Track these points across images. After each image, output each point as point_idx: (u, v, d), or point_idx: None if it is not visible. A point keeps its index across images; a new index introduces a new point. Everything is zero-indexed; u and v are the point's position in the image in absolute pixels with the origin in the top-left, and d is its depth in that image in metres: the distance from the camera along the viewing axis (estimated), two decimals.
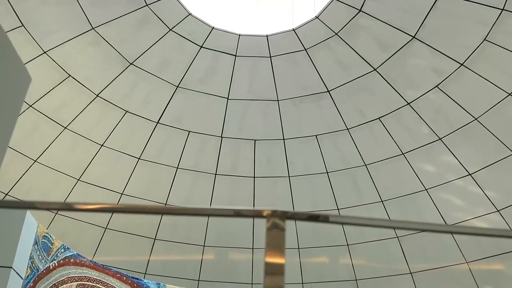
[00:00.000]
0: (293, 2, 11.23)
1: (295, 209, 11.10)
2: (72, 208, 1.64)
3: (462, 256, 10.89)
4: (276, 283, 1.59)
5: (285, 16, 10.96)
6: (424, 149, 10.90)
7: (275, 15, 11.17)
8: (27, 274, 6.40)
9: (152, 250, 11.50)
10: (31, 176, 10.51)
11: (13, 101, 2.34)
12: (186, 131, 11.42)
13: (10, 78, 2.31)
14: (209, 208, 2.53)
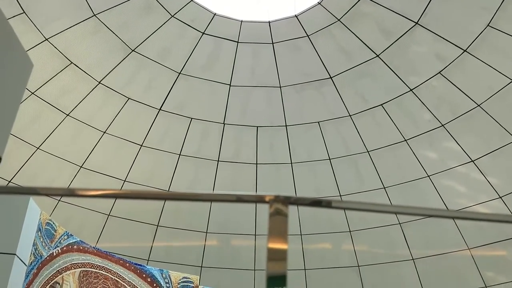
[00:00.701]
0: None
1: (297, 195, 11.11)
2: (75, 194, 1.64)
3: (464, 242, 10.91)
4: (279, 268, 1.59)
5: (287, 2, 10.90)
6: (426, 135, 10.88)
7: (277, 1, 11.11)
8: (31, 261, 6.42)
9: (155, 236, 11.54)
10: (34, 163, 10.53)
11: (15, 88, 2.34)
12: (188, 118, 11.41)
13: (12, 64, 2.30)
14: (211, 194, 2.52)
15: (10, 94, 2.28)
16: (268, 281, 1.63)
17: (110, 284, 7.91)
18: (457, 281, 11.04)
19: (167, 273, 8.60)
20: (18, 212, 6.28)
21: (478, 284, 10.81)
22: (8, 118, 2.26)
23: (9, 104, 2.25)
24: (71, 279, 7.32)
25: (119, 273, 8.04)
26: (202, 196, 1.86)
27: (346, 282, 11.67)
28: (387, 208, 2.31)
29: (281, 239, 1.63)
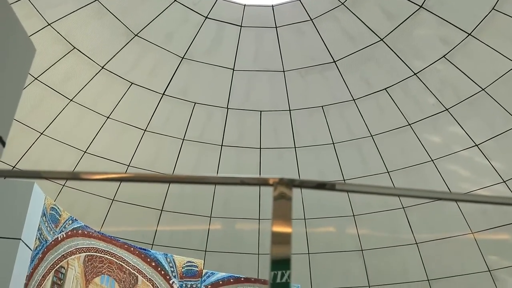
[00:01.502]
0: None
1: None
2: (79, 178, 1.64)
3: (467, 226, 10.92)
4: (283, 252, 1.59)
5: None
6: (430, 119, 10.85)
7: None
8: (36, 246, 6.45)
9: (159, 221, 11.57)
10: (38, 148, 10.55)
11: (18, 72, 2.33)
12: (191, 102, 11.39)
13: (14, 49, 2.29)
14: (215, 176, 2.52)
15: (13, 79, 2.27)
16: (272, 264, 1.62)
17: (115, 269, 7.95)
18: (461, 265, 11.07)
19: (172, 257, 8.64)
20: (23, 197, 6.29)
21: (481, 268, 10.83)
22: (11, 103, 2.26)
23: (12, 89, 2.24)
24: (76, 264, 7.36)
25: (123, 258, 8.08)
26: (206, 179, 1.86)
27: (349, 266, 11.71)
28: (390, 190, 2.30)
29: (285, 222, 1.62)
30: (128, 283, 8.08)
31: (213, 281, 9.15)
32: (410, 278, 11.37)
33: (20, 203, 6.26)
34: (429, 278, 11.21)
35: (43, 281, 6.67)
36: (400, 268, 11.52)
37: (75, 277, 7.31)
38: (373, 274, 11.56)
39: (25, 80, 2.41)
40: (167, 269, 8.49)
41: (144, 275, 8.25)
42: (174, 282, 8.51)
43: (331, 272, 11.76)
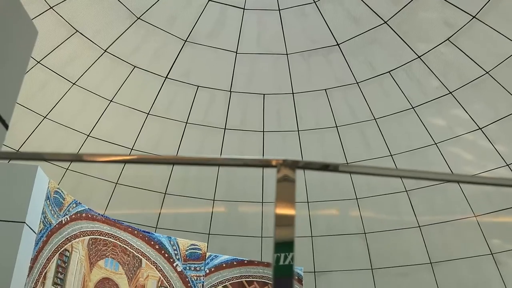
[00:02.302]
0: None
1: None
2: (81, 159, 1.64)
3: (470, 209, 10.93)
4: (286, 234, 1.59)
5: None
6: (434, 103, 10.82)
7: None
8: (40, 229, 6.48)
9: (162, 204, 11.61)
10: (41, 132, 10.56)
11: (20, 55, 2.32)
12: (195, 85, 11.37)
13: (16, 31, 2.28)
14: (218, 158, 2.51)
15: (15, 61, 2.27)
16: (275, 246, 1.63)
17: (119, 251, 7.99)
18: (463, 248, 11.09)
19: (175, 240, 8.67)
20: (27, 181, 6.31)
21: (484, 251, 10.85)
22: (14, 86, 2.25)
23: (15, 72, 2.24)
24: (80, 247, 7.40)
25: (127, 241, 8.12)
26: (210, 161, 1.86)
27: (352, 249, 11.75)
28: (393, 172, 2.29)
29: (288, 204, 1.62)
30: (132, 266, 8.13)
31: (216, 264, 9.19)
32: (412, 261, 11.41)
33: (24, 186, 6.28)
34: (432, 261, 11.25)
35: (48, 264, 6.71)
36: (402, 251, 11.56)
37: (79, 260, 7.35)
38: (375, 257, 11.60)
39: (27, 63, 2.40)
40: (170, 252, 8.53)
41: (147, 258, 8.30)
42: (178, 265, 8.55)
43: (334, 255, 11.81)
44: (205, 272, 8.85)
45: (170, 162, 1.87)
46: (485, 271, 10.91)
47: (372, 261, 11.60)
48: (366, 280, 11.55)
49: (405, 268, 11.39)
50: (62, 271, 6.99)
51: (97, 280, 7.67)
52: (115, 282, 7.91)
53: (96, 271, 7.66)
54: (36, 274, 6.44)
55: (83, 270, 7.43)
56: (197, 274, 8.66)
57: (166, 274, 8.42)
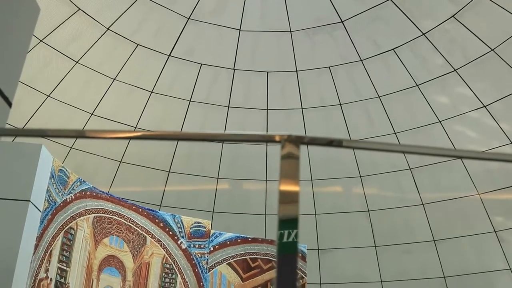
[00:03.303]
0: None
1: None
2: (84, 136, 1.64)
3: (474, 187, 10.93)
4: (290, 211, 1.59)
5: None
6: (438, 80, 10.77)
7: None
8: (45, 207, 6.51)
9: (166, 182, 11.64)
10: (45, 111, 10.56)
11: (22, 32, 2.31)
12: (198, 63, 11.33)
13: (18, 9, 2.27)
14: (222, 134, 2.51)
15: (17, 39, 2.25)
16: (279, 224, 1.62)
17: (124, 229, 8.04)
18: (466, 226, 11.12)
19: (179, 218, 8.71)
20: (31, 160, 6.33)
21: (487, 229, 10.88)
22: (17, 64, 2.24)
23: (17, 49, 2.23)
24: (85, 225, 7.44)
25: (132, 219, 8.16)
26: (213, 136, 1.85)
27: (356, 227, 11.79)
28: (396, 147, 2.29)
29: (292, 181, 1.61)
30: (137, 244, 8.18)
31: (220, 241, 9.24)
32: (416, 238, 11.46)
33: (29, 165, 6.30)
34: (435, 239, 11.29)
35: (53, 242, 6.76)
36: (406, 228, 11.59)
37: (84, 238, 7.40)
38: (379, 235, 11.65)
39: (30, 40, 2.39)
40: (175, 230, 8.58)
41: (152, 236, 8.34)
42: (182, 243, 8.60)
43: (338, 233, 11.86)
44: (209, 250, 8.90)
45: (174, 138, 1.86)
46: (488, 249, 10.95)
47: (376, 239, 11.65)
48: (369, 257, 11.61)
49: (409, 246, 11.44)
50: (67, 249, 7.04)
51: (102, 258, 7.73)
52: (120, 260, 7.97)
53: (101, 248, 7.71)
54: (42, 252, 6.49)
55: (88, 247, 7.48)
56: (202, 252, 8.72)
57: (170, 252, 8.47)
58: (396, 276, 11.43)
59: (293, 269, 1.56)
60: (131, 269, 8.07)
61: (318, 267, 11.65)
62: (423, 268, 11.36)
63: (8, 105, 2.08)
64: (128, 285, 7.99)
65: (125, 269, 8.00)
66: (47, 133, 1.66)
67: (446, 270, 11.15)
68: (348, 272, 11.70)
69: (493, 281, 10.85)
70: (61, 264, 6.89)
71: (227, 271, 9.19)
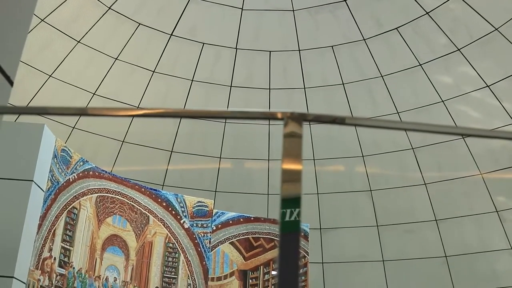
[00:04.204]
0: None
1: None
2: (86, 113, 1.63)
3: (476, 167, 10.93)
4: (293, 190, 1.59)
5: None
6: (442, 60, 10.72)
7: None
8: (48, 187, 6.53)
9: (169, 162, 11.65)
10: (47, 91, 10.54)
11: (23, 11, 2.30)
12: (200, 43, 11.28)
13: None
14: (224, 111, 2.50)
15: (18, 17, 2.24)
16: (282, 202, 1.62)
17: (126, 209, 8.07)
18: (468, 205, 11.14)
19: (182, 198, 8.74)
20: (33, 140, 6.34)
21: (489, 209, 10.90)
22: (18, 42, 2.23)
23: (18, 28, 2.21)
24: (88, 204, 7.47)
25: (134, 198, 8.19)
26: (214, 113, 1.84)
27: (358, 206, 11.82)
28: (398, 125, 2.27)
29: (295, 160, 1.61)
30: (140, 223, 8.22)
31: (223, 220, 9.29)
32: (418, 218, 11.48)
33: (31, 145, 6.31)
34: (437, 218, 11.32)
35: (56, 221, 6.79)
36: (408, 208, 11.62)
37: (87, 217, 7.44)
38: (381, 214, 11.68)
39: (31, 19, 2.38)
40: (177, 209, 8.61)
41: (155, 215, 8.38)
42: (185, 222, 8.64)
43: (340, 212, 11.89)
44: (212, 229, 8.95)
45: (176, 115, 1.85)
46: (489, 229, 10.98)
47: (378, 218, 11.68)
48: (371, 236, 11.66)
49: (411, 225, 11.47)
50: (70, 228, 7.08)
51: (105, 237, 7.78)
52: (123, 239, 8.02)
53: (104, 228, 7.76)
54: (45, 232, 6.52)
55: (91, 227, 7.52)
56: (204, 231, 8.76)
57: (173, 231, 8.52)
58: (398, 256, 11.49)
59: (295, 248, 1.57)
60: (134, 248, 8.12)
61: (320, 246, 11.70)
62: (424, 248, 11.41)
63: (10, 84, 2.07)
64: (131, 264, 8.04)
65: (128, 248, 8.05)
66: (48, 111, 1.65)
67: (447, 250, 11.19)
68: (350, 251, 11.75)
69: (495, 260, 10.89)
70: (65, 243, 6.94)
71: (229, 250, 9.25)
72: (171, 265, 8.42)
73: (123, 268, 7.92)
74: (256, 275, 9.30)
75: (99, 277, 7.55)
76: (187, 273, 8.47)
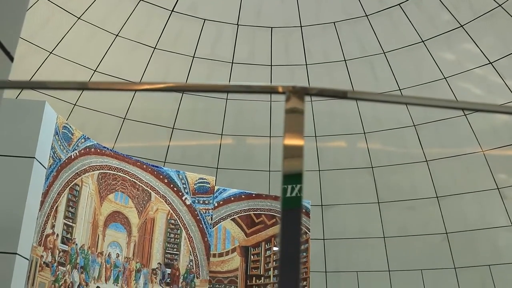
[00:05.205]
0: None
1: (313, 97, 11.01)
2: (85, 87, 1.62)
3: (478, 144, 10.92)
4: (295, 165, 1.58)
5: None
6: (444, 36, 10.65)
7: None
8: (50, 164, 6.54)
9: (170, 139, 11.65)
10: (48, 68, 10.50)
11: None
12: (201, 19, 11.21)
13: None
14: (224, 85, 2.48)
15: None
16: (283, 178, 1.62)
17: (128, 186, 8.09)
18: (470, 182, 11.15)
19: (184, 174, 8.76)
20: (35, 117, 6.33)
21: (490, 185, 10.92)
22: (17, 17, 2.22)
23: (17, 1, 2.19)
24: (90, 181, 7.49)
25: (136, 175, 8.20)
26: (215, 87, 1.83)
27: (359, 183, 11.84)
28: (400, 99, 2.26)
29: (297, 135, 1.60)
30: (142, 200, 8.25)
31: (225, 197, 9.31)
32: (419, 195, 11.51)
33: (32, 122, 6.30)
34: (438, 195, 11.35)
35: (59, 198, 6.81)
36: (409, 185, 11.64)
37: (89, 194, 7.46)
38: (382, 191, 11.70)
39: None
40: (179, 186, 8.63)
41: (157, 192, 8.40)
42: (187, 198, 8.67)
43: (341, 189, 11.91)
44: (214, 205, 8.98)
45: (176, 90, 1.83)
46: (491, 205, 11.00)
47: (379, 195, 11.71)
48: (372, 213, 11.70)
49: (412, 202, 11.51)
50: (73, 205, 7.11)
51: (107, 214, 7.81)
52: (125, 215, 8.06)
53: (106, 204, 7.78)
54: (48, 208, 6.55)
55: (94, 204, 7.55)
56: (206, 207, 8.79)
57: (175, 208, 8.55)
58: (399, 232, 11.54)
59: (297, 224, 1.56)
60: (136, 224, 8.15)
61: (322, 222, 11.75)
62: (425, 225, 11.45)
63: (10, 60, 2.06)
64: (133, 241, 8.09)
65: (130, 224, 8.09)
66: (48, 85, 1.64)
67: (448, 227, 11.23)
68: (351, 228, 11.80)
69: (495, 237, 10.94)
70: (67, 220, 6.97)
71: (231, 227, 9.29)
72: (173, 242, 8.47)
73: (126, 244, 7.97)
74: (258, 251, 9.36)
75: (101, 253, 7.60)
76: (189, 249, 8.52)
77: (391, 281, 11.38)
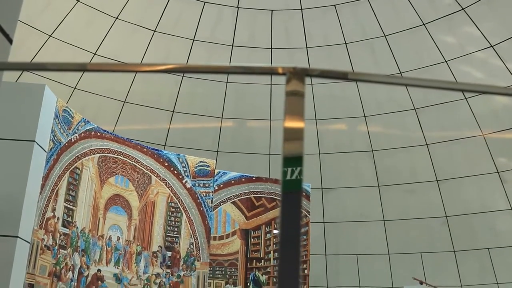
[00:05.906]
0: None
1: (313, 80, 10.98)
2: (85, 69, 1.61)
3: (478, 127, 10.91)
4: (295, 148, 1.57)
5: None
6: (446, 19, 10.59)
7: None
8: (50, 147, 6.54)
9: (170, 122, 11.64)
10: (47, 51, 10.46)
11: None
12: (201, 1, 11.15)
13: None
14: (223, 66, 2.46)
15: None
16: (284, 161, 1.61)
17: (129, 169, 8.10)
18: (470, 166, 11.16)
19: (184, 158, 8.76)
20: (35, 100, 6.32)
21: (490, 169, 10.92)
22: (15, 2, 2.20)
23: None
24: (91, 164, 7.50)
25: (137, 158, 8.21)
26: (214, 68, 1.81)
27: (359, 166, 11.85)
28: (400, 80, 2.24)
29: (297, 117, 1.59)
30: (142, 183, 8.26)
31: (225, 180, 9.33)
32: (419, 178, 11.52)
33: (32, 106, 6.29)
34: (438, 179, 11.36)
35: (59, 181, 6.82)
36: (409, 168, 11.65)
37: (90, 177, 7.47)
38: (382, 174, 11.71)
39: None
40: (179, 169, 8.64)
41: (157, 175, 8.41)
42: (187, 182, 8.68)
43: (341, 172, 11.93)
44: (214, 189, 9.00)
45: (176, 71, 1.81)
46: (490, 189, 11.02)
47: (379, 178, 11.72)
48: (372, 196, 11.72)
49: (412, 185, 11.52)
50: (73, 188, 7.12)
51: (108, 197, 7.83)
52: (126, 199, 8.07)
53: (106, 188, 7.80)
54: (48, 192, 6.56)
55: (94, 187, 7.56)
56: (206, 191, 8.81)
57: (175, 191, 8.56)
58: (399, 216, 11.57)
59: (297, 207, 1.56)
60: (136, 207, 8.18)
61: (322, 206, 11.78)
62: (425, 208, 11.48)
63: (9, 42, 2.05)
64: (134, 224, 8.12)
65: (130, 208, 8.11)
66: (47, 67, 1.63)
67: (448, 210, 11.26)
68: (351, 211, 11.84)
69: (495, 221, 10.97)
70: (68, 203, 6.98)
71: (231, 210, 9.32)
72: (174, 225, 8.50)
73: (126, 227, 8.00)
74: (258, 234, 9.39)
75: (102, 236, 7.63)
76: (189, 232, 8.55)
77: (391, 264, 11.43)
